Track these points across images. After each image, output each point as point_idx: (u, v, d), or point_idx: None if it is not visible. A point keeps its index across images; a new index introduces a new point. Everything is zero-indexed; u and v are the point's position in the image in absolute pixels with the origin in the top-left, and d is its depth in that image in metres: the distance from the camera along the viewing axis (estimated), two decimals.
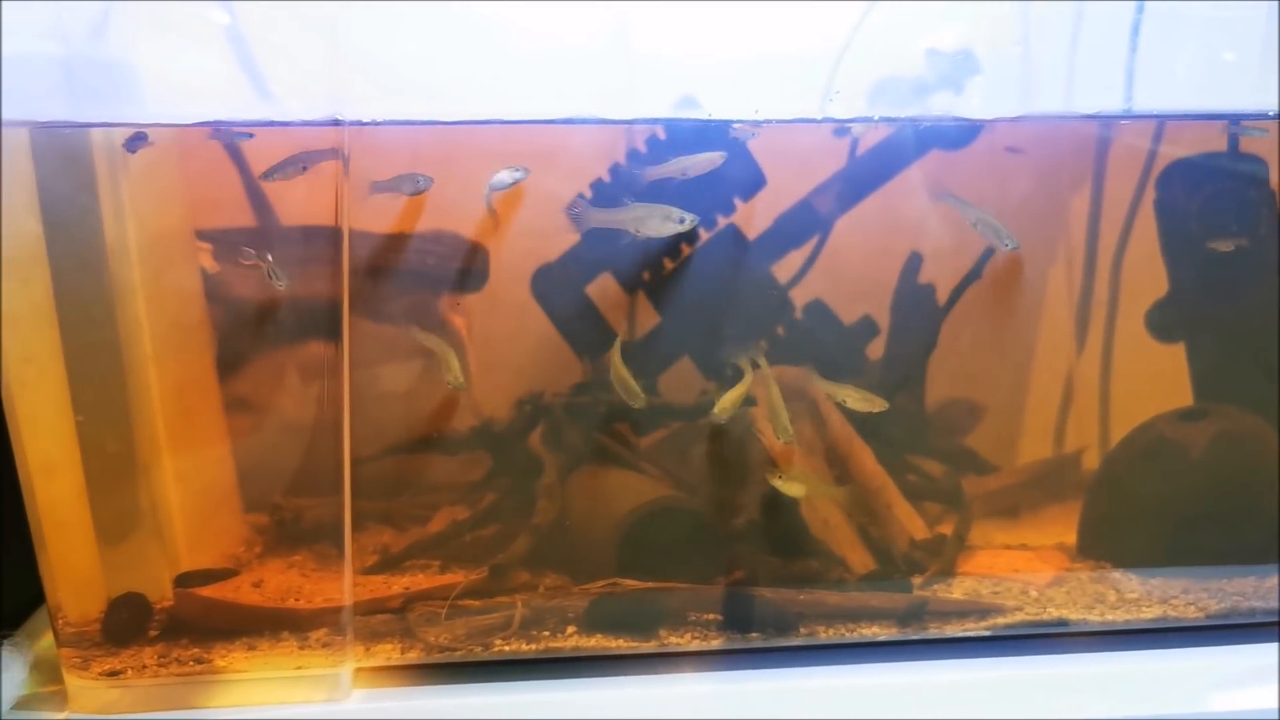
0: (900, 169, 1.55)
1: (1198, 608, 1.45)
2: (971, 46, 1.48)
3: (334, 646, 1.31)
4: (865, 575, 1.45)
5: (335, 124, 1.24)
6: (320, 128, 1.25)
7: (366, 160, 1.35)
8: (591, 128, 1.46)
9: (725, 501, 1.50)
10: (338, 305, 1.27)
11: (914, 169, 1.54)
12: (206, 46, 1.29)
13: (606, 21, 1.40)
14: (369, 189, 1.38)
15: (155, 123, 1.28)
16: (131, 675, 1.28)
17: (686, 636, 1.38)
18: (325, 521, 1.34)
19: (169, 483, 1.36)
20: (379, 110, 1.33)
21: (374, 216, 1.43)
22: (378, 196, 1.40)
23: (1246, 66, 1.52)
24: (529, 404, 1.56)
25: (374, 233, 1.45)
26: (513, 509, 1.52)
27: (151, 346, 1.33)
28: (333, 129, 1.24)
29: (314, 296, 1.29)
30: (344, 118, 1.24)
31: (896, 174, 1.56)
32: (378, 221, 1.44)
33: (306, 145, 1.28)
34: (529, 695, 1.31)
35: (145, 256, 1.31)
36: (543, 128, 1.43)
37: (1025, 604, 1.44)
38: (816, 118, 1.42)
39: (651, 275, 1.56)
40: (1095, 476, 1.63)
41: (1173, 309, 1.63)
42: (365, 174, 1.32)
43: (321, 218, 1.28)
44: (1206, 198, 1.60)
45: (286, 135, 1.30)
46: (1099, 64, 1.52)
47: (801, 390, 1.55)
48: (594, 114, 1.41)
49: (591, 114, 1.41)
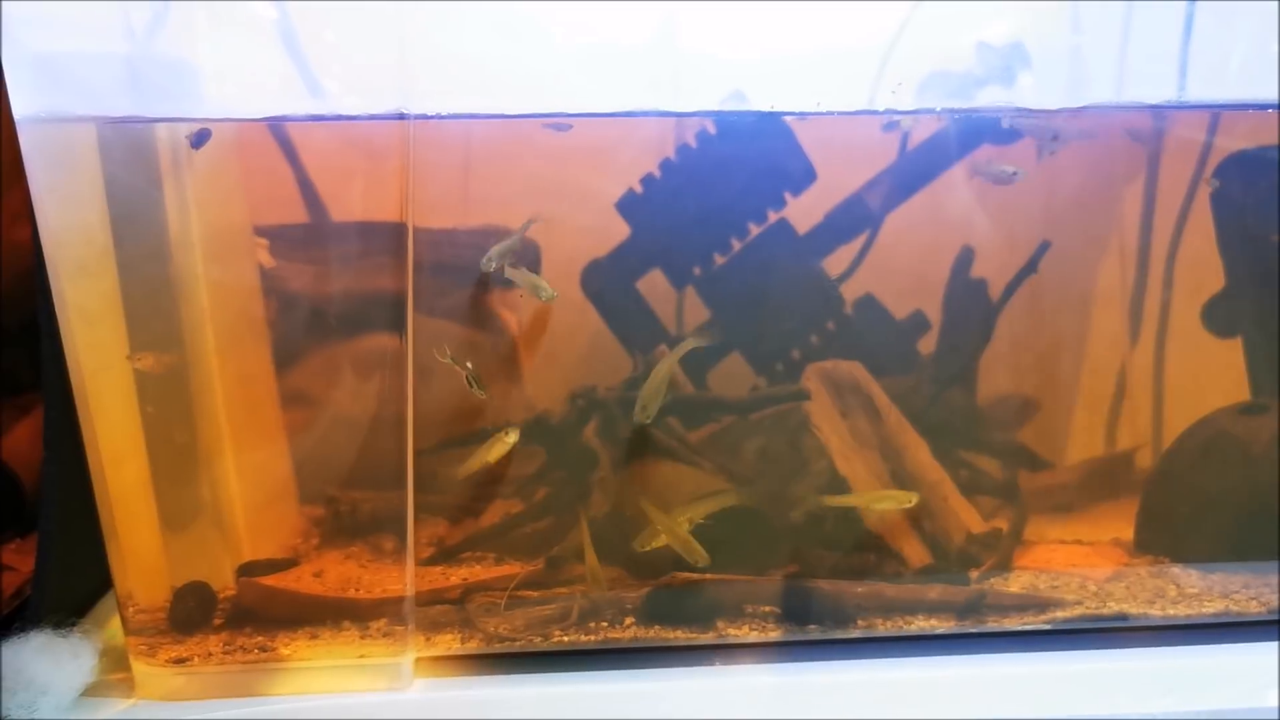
0: (951, 163, 1.54)
1: (1260, 602, 1.44)
2: (1022, 39, 1.47)
3: (395, 636, 1.33)
4: (921, 569, 1.45)
5: (400, 118, 1.25)
6: (384, 121, 1.26)
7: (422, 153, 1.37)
8: (640, 123, 1.46)
9: (780, 495, 1.50)
10: (403, 300, 1.28)
11: (965, 163, 1.54)
12: (265, 43, 1.30)
13: (655, 18, 1.40)
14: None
15: (220, 117, 1.30)
16: (198, 662, 1.30)
17: (744, 629, 1.39)
18: (384, 513, 1.35)
19: (231, 474, 1.38)
20: (436, 105, 1.34)
21: (426, 212, 1.45)
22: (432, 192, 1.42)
23: None
24: (582, 398, 1.57)
25: (428, 228, 1.46)
26: (567, 502, 1.53)
27: (215, 339, 1.35)
28: (397, 123, 1.25)
29: (379, 291, 1.30)
30: (409, 112, 1.25)
31: (948, 168, 1.55)
32: (430, 217, 1.45)
33: (371, 139, 1.29)
34: (587, 686, 1.32)
35: (208, 250, 1.33)
36: (593, 124, 1.43)
37: (1084, 598, 1.43)
38: (877, 109, 1.41)
39: (702, 270, 1.56)
40: (1154, 471, 1.62)
41: (1230, 303, 1.61)
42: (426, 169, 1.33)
43: (384, 213, 1.29)
44: (1264, 191, 1.58)
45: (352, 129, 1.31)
46: (1151, 55, 1.51)
47: (855, 384, 1.54)
48: (650, 105, 1.41)
49: (648, 105, 1.41)
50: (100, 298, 1.26)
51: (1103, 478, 1.69)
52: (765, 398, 1.56)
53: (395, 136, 1.26)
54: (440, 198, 1.44)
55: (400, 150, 1.26)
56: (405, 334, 1.29)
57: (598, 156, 1.50)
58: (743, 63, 1.44)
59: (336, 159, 1.38)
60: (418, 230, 1.45)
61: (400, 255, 1.28)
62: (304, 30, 1.30)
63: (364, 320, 1.35)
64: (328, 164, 1.39)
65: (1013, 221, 1.57)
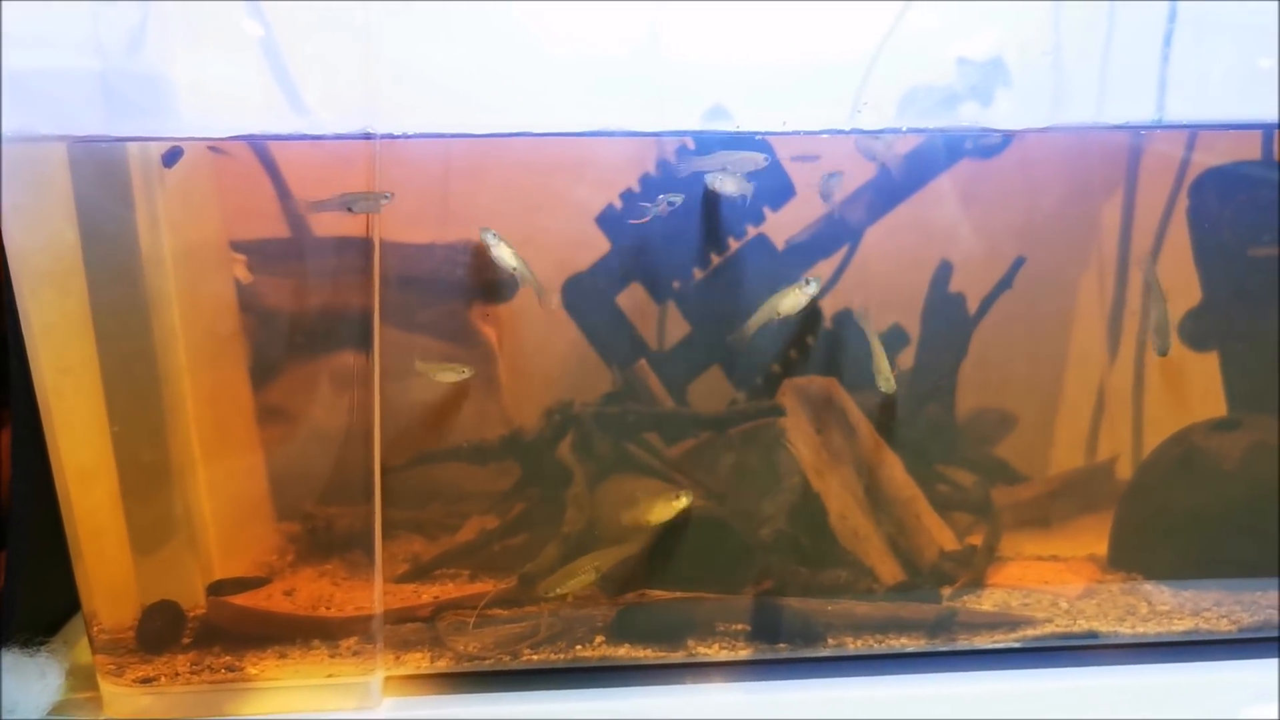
0: (930, 178, 1.55)
1: (1230, 620, 1.44)
2: (1002, 55, 1.48)
3: (364, 655, 1.32)
4: (894, 586, 1.45)
5: (366, 138, 1.25)
6: (351, 140, 1.26)
7: (396, 171, 1.37)
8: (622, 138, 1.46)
9: (753, 511, 1.50)
10: (369, 315, 1.28)
11: (944, 178, 1.54)
12: (242, 59, 1.31)
13: (638, 30, 1.41)
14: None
15: (191, 136, 1.30)
16: (164, 682, 1.29)
17: (715, 647, 1.38)
18: (356, 530, 1.35)
19: (202, 491, 1.37)
20: (413, 120, 1.34)
21: (405, 227, 1.45)
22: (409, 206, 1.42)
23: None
24: (558, 413, 1.57)
25: (404, 243, 1.46)
26: (542, 518, 1.53)
27: (186, 356, 1.35)
28: (364, 142, 1.25)
29: (346, 307, 1.30)
30: (375, 131, 1.25)
31: (926, 183, 1.55)
32: (408, 232, 1.45)
33: (339, 157, 1.29)
34: (557, 704, 1.31)
35: (180, 267, 1.33)
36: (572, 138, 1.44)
37: (1055, 615, 1.43)
38: (844, 128, 1.41)
39: (682, 285, 1.56)
40: (1127, 487, 1.62)
41: (1206, 318, 1.61)
42: (396, 185, 1.33)
43: (352, 229, 1.29)
44: (1239, 206, 1.58)
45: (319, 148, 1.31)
46: (1131, 73, 1.51)
47: (830, 400, 1.54)
48: (625, 122, 1.41)
49: (622, 122, 1.41)
50: (68, 316, 1.26)
51: (1080, 492, 1.68)
52: (740, 414, 1.56)
53: (362, 155, 1.26)
54: (418, 212, 1.44)
55: (367, 168, 1.26)
56: (372, 349, 1.29)
57: (578, 170, 1.50)
58: (724, 76, 1.44)
59: (306, 176, 1.38)
60: (395, 245, 1.45)
61: (367, 271, 1.28)
62: (277, 49, 1.30)
63: (331, 335, 1.34)
64: (297, 181, 1.38)
65: (992, 237, 1.57)
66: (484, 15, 1.37)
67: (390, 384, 1.50)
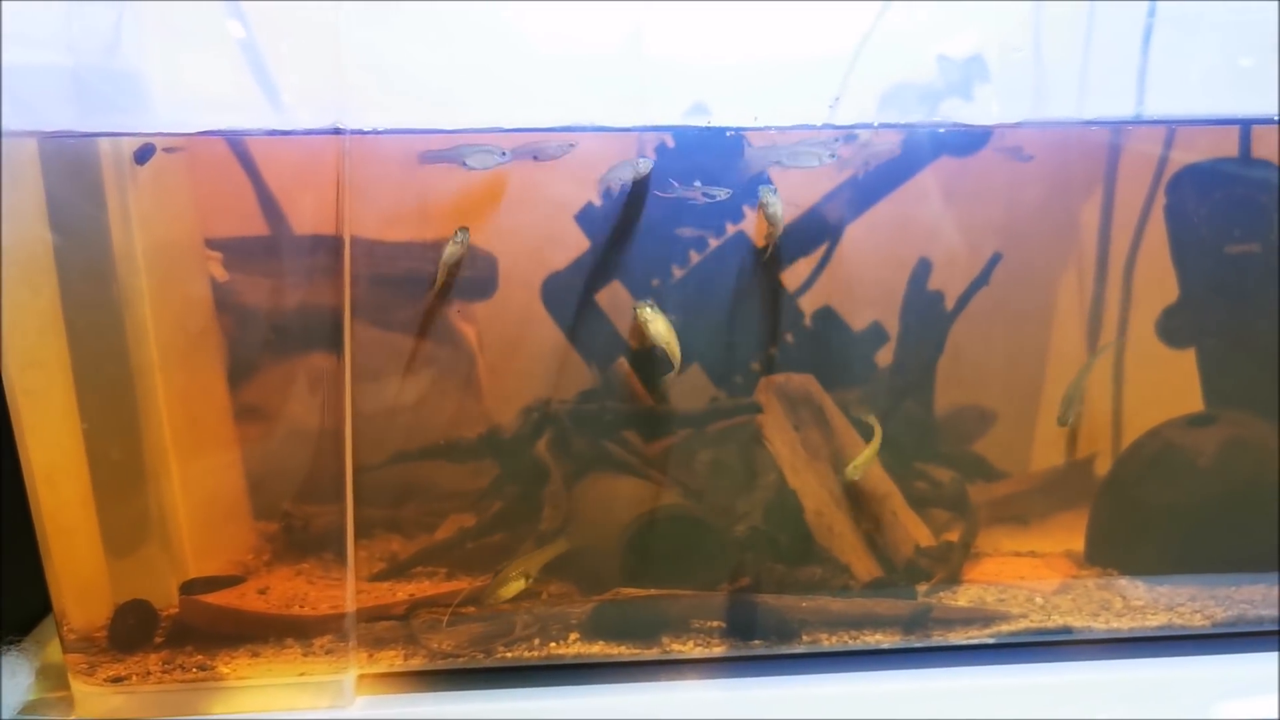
0: (910, 175, 1.54)
1: (1204, 615, 1.44)
2: (983, 53, 1.48)
3: (337, 653, 1.32)
4: (870, 582, 1.45)
5: (336, 133, 1.24)
6: (322, 136, 1.26)
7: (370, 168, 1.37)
8: (600, 134, 1.45)
9: (730, 508, 1.49)
10: (339, 314, 1.28)
11: (924, 175, 1.54)
12: (216, 56, 1.30)
13: (620, 27, 1.40)
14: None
15: (160, 132, 1.29)
16: (136, 681, 1.29)
17: (689, 644, 1.38)
18: (330, 529, 1.34)
19: (175, 490, 1.37)
20: (393, 115, 1.34)
21: (382, 225, 1.44)
22: (386, 203, 1.41)
23: (1259, 70, 1.51)
24: (536, 411, 1.56)
25: (381, 240, 1.46)
26: (518, 516, 1.52)
27: (158, 354, 1.34)
28: (333, 137, 1.25)
29: (316, 305, 1.30)
30: (345, 126, 1.24)
31: (906, 180, 1.55)
32: (385, 230, 1.45)
33: (309, 153, 1.28)
34: (531, 701, 1.31)
35: (153, 265, 1.32)
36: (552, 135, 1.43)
37: (1030, 611, 1.43)
38: (817, 124, 1.41)
39: (661, 283, 1.56)
40: (1103, 483, 1.62)
41: (1183, 315, 1.62)
42: (365, 182, 1.32)
43: (320, 227, 1.29)
44: (1216, 203, 1.58)
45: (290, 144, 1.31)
46: (1111, 69, 1.51)
47: (808, 397, 1.54)
48: (608, 118, 1.41)
49: (605, 118, 1.41)
50: (38, 314, 1.25)
51: (1058, 489, 1.68)
52: (717, 411, 1.56)
53: (331, 151, 1.25)
54: (396, 210, 1.44)
55: (336, 164, 1.26)
56: (342, 347, 1.28)
57: (558, 168, 1.49)
58: (706, 74, 1.43)
59: (276, 173, 1.37)
60: (372, 243, 1.45)
61: (337, 269, 1.28)
62: (253, 46, 1.29)
63: (301, 334, 1.34)
64: (268, 177, 1.38)
65: (970, 234, 1.57)
66: (466, 12, 1.37)
67: (368, 383, 1.50)
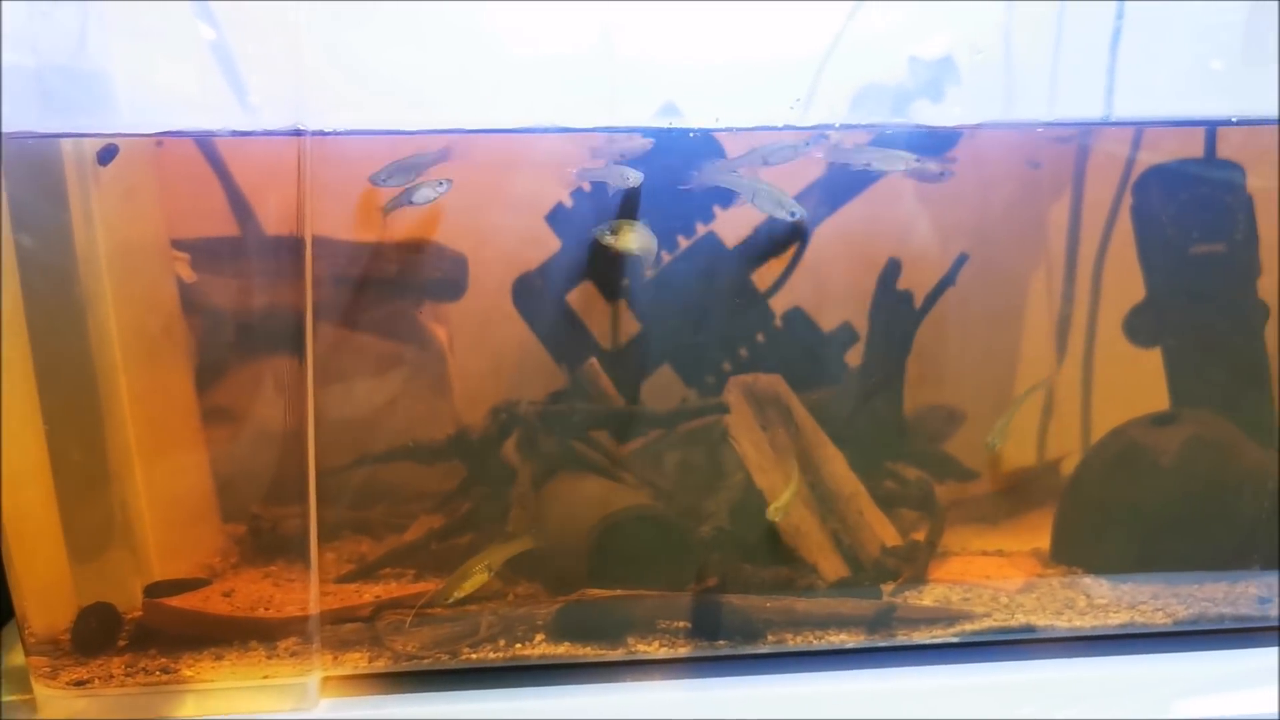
0: (879, 176, 1.55)
1: (1166, 614, 1.45)
2: (953, 54, 1.48)
3: (301, 655, 1.32)
4: (837, 582, 1.45)
5: (296, 134, 1.24)
6: (282, 137, 1.25)
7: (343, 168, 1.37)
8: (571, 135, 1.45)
9: (697, 509, 1.50)
10: (301, 315, 1.27)
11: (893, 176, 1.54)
12: (180, 55, 1.30)
13: (591, 27, 1.40)
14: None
15: (119, 132, 1.28)
16: (98, 684, 1.28)
17: (655, 644, 1.38)
18: (293, 531, 1.34)
19: (139, 493, 1.36)
20: (367, 115, 1.34)
21: (355, 226, 1.44)
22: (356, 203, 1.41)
23: (1226, 72, 1.52)
24: (505, 412, 1.57)
25: (351, 241, 1.46)
26: (486, 517, 1.53)
27: (122, 356, 1.34)
28: (294, 139, 1.24)
29: (278, 306, 1.30)
30: (305, 127, 1.24)
31: (876, 181, 1.56)
32: (356, 231, 1.45)
33: (273, 154, 1.28)
34: (496, 703, 1.31)
35: (115, 265, 1.32)
36: (523, 136, 1.43)
37: (994, 610, 1.44)
38: (779, 125, 1.42)
39: (632, 283, 1.56)
40: (1068, 482, 1.63)
41: (1149, 314, 1.63)
42: (327, 183, 1.32)
43: (285, 228, 1.28)
44: (1182, 204, 1.59)
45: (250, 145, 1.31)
46: (1081, 71, 1.52)
47: (776, 397, 1.55)
48: (576, 120, 1.41)
49: (573, 120, 1.40)
50: None
51: (1027, 488, 1.70)
52: (685, 411, 1.56)
53: (292, 151, 1.25)
54: (365, 209, 1.44)
55: (297, 165, 1.26)
56: (304, 348, 1.28)
57: (528, 169, 1.49)
58: (676, 75, 1.44)
59: (238, 174, 1.37)
60: (341, 244, 1.45)
61: (299, 270, 1.27)
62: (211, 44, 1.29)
63: (264, 335, 1.34)
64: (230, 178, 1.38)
65: (940, 234, 1.58)
66: (437, 13, 1.37)
67: (337, 384, 1.51)
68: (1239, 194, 1.58)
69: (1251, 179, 1.57)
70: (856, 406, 1.60)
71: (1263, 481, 1.51)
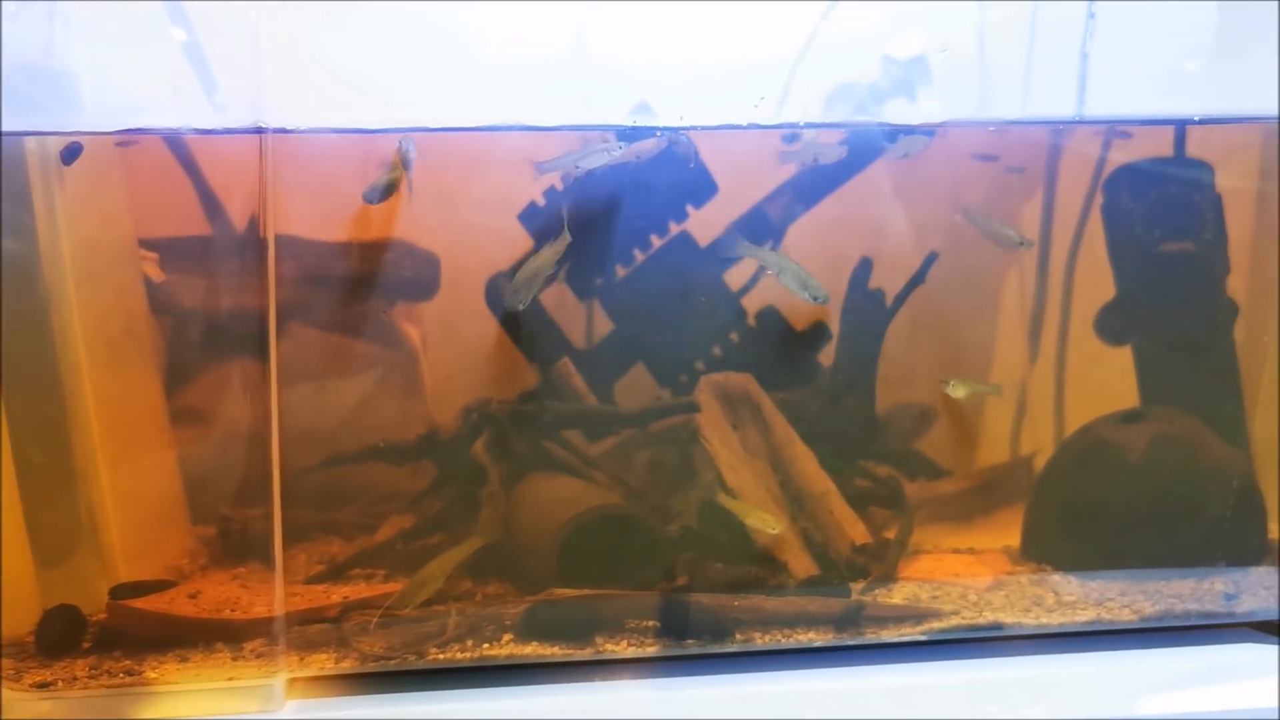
0: (852, 175, 1.55)
1: (1132, 610, 1.45)
2: (927, 54, 1.49)
3: (267, 657, 1.31)
4: (806, 580, 1.45)
5: (257, 132, 1.23)
6: (243, 135, 1.25)
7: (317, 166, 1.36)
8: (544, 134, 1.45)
9: (667, 508, 1.50)
10: (264, 314, 1.27)
11: (866, 174, 1.55)
12: (143, 54, 1.29)
13: (566, 26, 1.40)
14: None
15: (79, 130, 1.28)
16: (62, 687, 1.27)
17: (623, 644, 1.38)
18: (263, 532, 1.33)
19: (105, 494, 1.35)
20: (347, 116, 1.35)
21: (325, 225, 1.44)
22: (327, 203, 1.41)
23: (1196, 69, 1.53)
24: (475, 412, 1.56)
25: (322, 241, 1.45)
26: (457, 518, 1.52)
27: (86, 357, 1.33)
28: (255, 136, 1.24)
29: (240, 306, 1.29)
30: (266, 125, 1.24)
31: (848, 180, 1.56)
32: (327, 230, 1.44)
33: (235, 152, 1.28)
34: (463, 703, 1.30)
35: (80, 265, 1.31)
36: (496, 135, 1.43)
37: (963, 608, 1.44)
38: (742, 124, 1.42)
39: (604, 282, 1.56)
40: (1037, 479, 1.64)
41: (1120, 312, 1.63)
42: (290, 182, 1.32)
43: (248, 227, 1.28)
44: (1151, 202, 1.60)
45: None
46: (1053, 70, 1.53)
47: (747, 396, 1.55)
48: (549, 119, 1.41)
49: (546, 119, 1.40)
50: None
51: (1000, 485, 1.70)
52: (655, 410, 1.56)
53: (253, 150, 1.25)
54: (336, 210, 1.43)
55: (258, 164, 1.25)
56: (268, 349, 1.28)
57: (502, 168, 1.49)
58: (650, 74, 1.44)
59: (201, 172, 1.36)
60: (312, 244, 1.44)
61: (262, 270, 1.27)
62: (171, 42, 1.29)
63: (224, 335, 1.33)
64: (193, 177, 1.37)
65: (914, 233, 1.58)
66: (415, 12, 1.37)
67: (306, 385, 1.50)
68: (1208, 193, 1.59)
69: (1220, 178, 1.58)
70: (828, 405, 1.60)
71: (1229, 478, 1.52)
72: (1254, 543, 1.53)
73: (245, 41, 1.25)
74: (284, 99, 1.28)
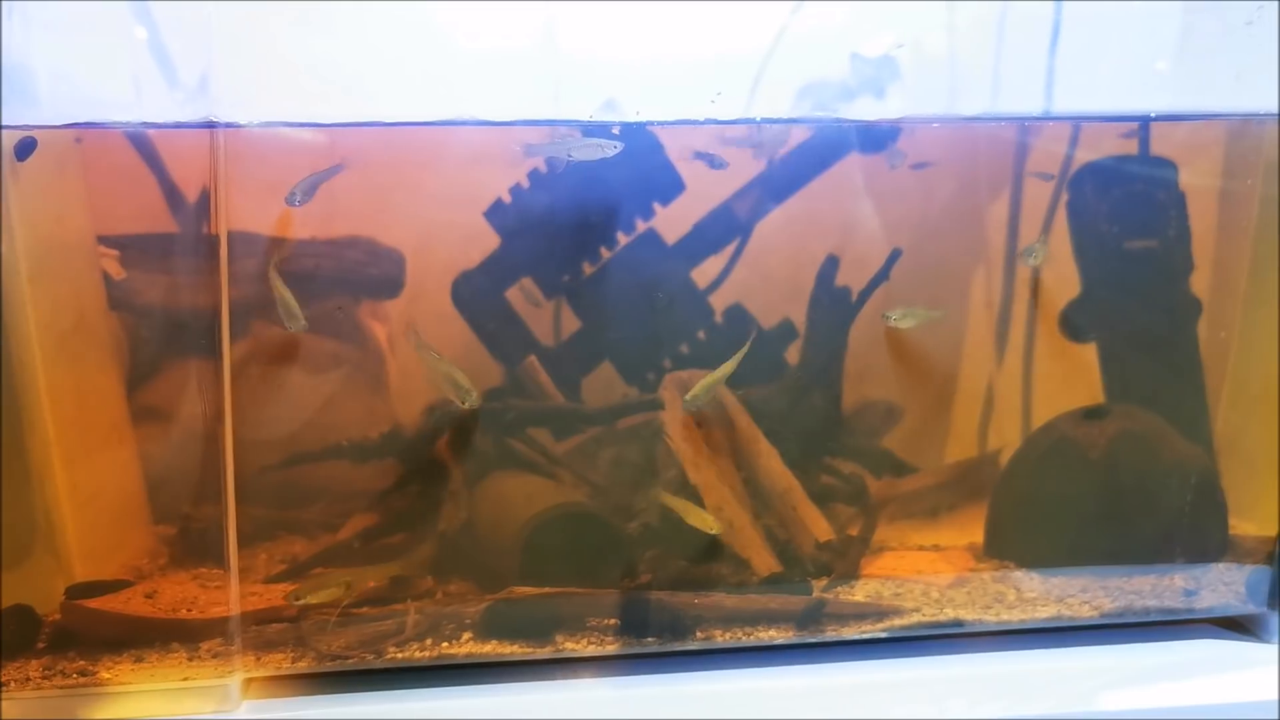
0: (819, 172, 1.55)
1: (1092, 606, 1.46)
2: (895, 52, 1.49)
3: (223, 657, 1.30)
4: (769, 578, 1.45)
5: (209, 127, 1.22)
6: (194, 130, 1.24)
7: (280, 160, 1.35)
8: (509, 131, 1.44)
9: (629, 506, 1.49)
10: (217, 312, 1.26)
11: (834, 171, 1.54)
12: (102, 49, 1.28)
13: (535, 22, 1.39)
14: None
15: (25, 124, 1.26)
16: (15, 688, 1.26)
17: (583, 642, 1.37)
18: (213, 532, 1.32)
19: (60, 494, 1.34)
20: (299, 110, 1.33)
21: (284, 222, 1.43)
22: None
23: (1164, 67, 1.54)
24: (439, 410, 1.55)
25: (287, 238, 1.44)
26: (419, 516, 1.51)
27: (41, 355, 1.32)
28: (206, 131, 1.23)
29: (192, 304, 1.28)
30: (218, 119, 1.23)
31: (815, 177, 1.56)
32: (291, 227, 1.43)
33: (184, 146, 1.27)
34: (422, 702, 1.30)
35: (33, 262, 1.30)
36: (462, 132, 1.42)
37: (924, 605, 1.44)
38: (699, 119, 1.41)
39: (572, 280, 1.55)
40: (1000, 476, 1.64)
41: (1084, 310, 1.64)
42: (242, 178, 1.30)
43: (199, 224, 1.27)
44: (1116, 200, 1.61)
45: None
46: (1021, 68, 1.53)
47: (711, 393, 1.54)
48: (521, 113, 1.40)
49: (518, 113, 1.40)
50: None
51: (965, 482, 1.70)
52: (619, 408, 1.56)
53: (205, 145, 1.24)
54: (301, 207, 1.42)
55: (210, 159, 1.24)
56: (219, 346, 1.27)
57: (468, 165, 1.48)
58: (619, 70, 1.43)
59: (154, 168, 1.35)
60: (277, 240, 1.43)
61: (214, 268, 1.26)
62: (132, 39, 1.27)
63: (177, 333, 1.32)
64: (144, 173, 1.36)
65: (883, 231, 1.58)
66: (383, 8, 1.36)
67: (265, 382, 1.49)
68: (1172, 191, 1.59)
69: (1184, 175, 1.59)
70: (793, 402, 1.60)
71: (1190, 475, 1.52)
72: (1214, 539, 1.53)
73: (202, 36, 1.23)
74: (247, 94, 1.27)
